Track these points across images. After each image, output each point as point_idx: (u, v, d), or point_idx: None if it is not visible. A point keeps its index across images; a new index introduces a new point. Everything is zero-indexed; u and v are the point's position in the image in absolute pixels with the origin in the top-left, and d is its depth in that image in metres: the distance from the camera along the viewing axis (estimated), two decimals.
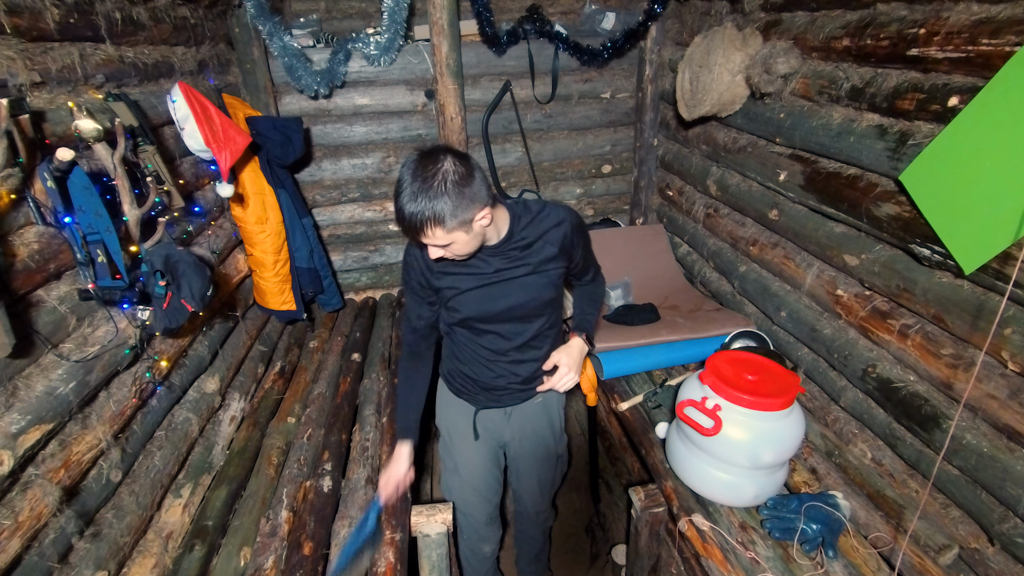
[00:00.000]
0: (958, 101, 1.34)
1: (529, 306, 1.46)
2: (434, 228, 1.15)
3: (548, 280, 1.44)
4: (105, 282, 1.31)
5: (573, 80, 2.96)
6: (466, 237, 1.22)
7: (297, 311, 2.48)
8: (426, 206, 1.12)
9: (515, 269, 1.40)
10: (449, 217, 1.14)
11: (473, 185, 1.16)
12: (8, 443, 1.08)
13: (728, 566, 1.47)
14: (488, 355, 1.55)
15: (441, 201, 1.12)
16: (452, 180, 1.12)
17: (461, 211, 1.15)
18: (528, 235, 1.39)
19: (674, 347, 2.29)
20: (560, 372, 1.51)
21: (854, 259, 1.77)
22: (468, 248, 1.26)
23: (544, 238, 1.40)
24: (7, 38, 1.19)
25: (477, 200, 1.17)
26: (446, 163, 1.13)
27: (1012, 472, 1.34)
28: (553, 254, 1.41)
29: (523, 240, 1.38)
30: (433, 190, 1.12)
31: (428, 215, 1.13)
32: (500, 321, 1.48)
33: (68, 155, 1.16)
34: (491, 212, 1.23)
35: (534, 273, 1.42)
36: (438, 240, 1.19)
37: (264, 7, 2.30)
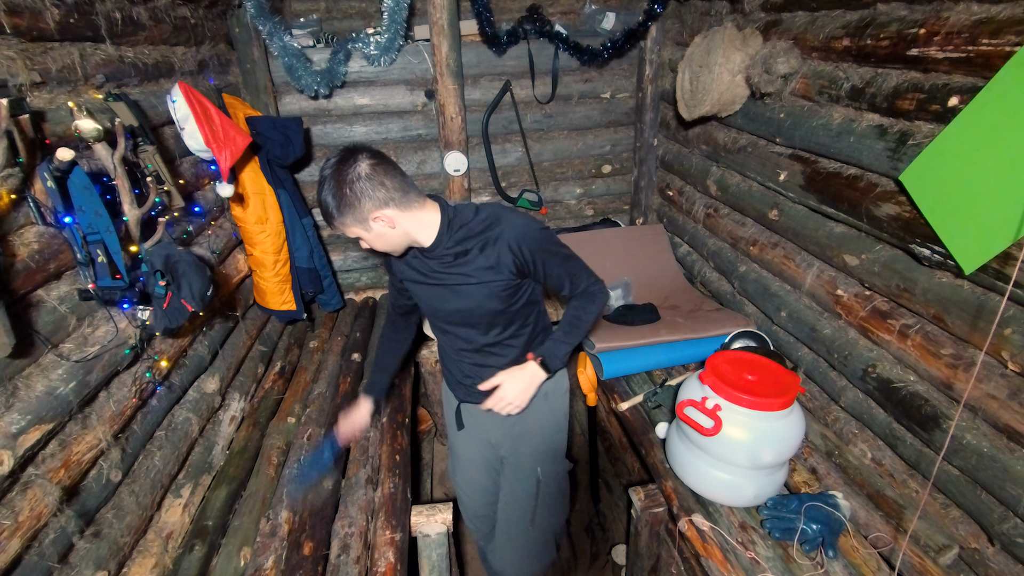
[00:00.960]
0: (958, 101, 1.34)
1: (475, 314, 1.44)
2: (331, 221, 1.25)
3: (489, 291, 1.39)
4: (105, 282, 1.31)
5: (573, 80, 2.96)
6: (369, 235, 1.28)
7: (297, 311, 2.48)
8: (323, 201, 1.23)
9: (449, 276, 1.39)
10: (336, 213, 1.22)
11: (367, 185, 1.20)
12: (8, 443, 1.08)
13: (728, 566, 1.47)
14: (454, 352, 1.58)
15: (332, 197, 1.21)
16: (348, 179, 1.19)
17: (348, 209, 1.21)
18: (460, 244, 1.36)
19: (674, 347, 2.29)
20: (496, 394, 1.47)
21: (854, 259, 1.77)
22: (383, 245, 1.32)
23: (479, 248, 1.36)
24: (7, 38, 1.19)
25: (368, 201, 1.21)
26: (354, 163, 1.20)
27: (1012, 472, 1.34)
28: (488, 265, 1.36)
29: (453, 248, 1.36)
30: (332, 186, 1.20)
31: (323, 209, 1.24)
32: (453, 323, 1.50)
33: (68, 155, 1.16)
34: (394, 215, 1.25)
35: (471, 283, 1.38)
36: (343, 231, 1.27)
37: (264, 7, 2.30)
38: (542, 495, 1.72)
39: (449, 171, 2.85)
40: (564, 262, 1.43)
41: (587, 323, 1.51)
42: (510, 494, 1.75)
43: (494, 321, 1.46)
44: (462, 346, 1.53)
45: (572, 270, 1.46)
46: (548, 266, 1.40)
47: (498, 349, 1.51)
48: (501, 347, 1.51)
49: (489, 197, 3.14)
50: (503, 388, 1.48)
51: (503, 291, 1.39)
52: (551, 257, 1.40)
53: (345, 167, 1.20)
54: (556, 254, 1.41)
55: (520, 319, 1.49)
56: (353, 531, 1.57)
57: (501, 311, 1.44)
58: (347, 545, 1.52)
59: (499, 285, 1.38)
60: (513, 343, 1.51)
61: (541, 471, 1.69)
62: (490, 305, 1.41)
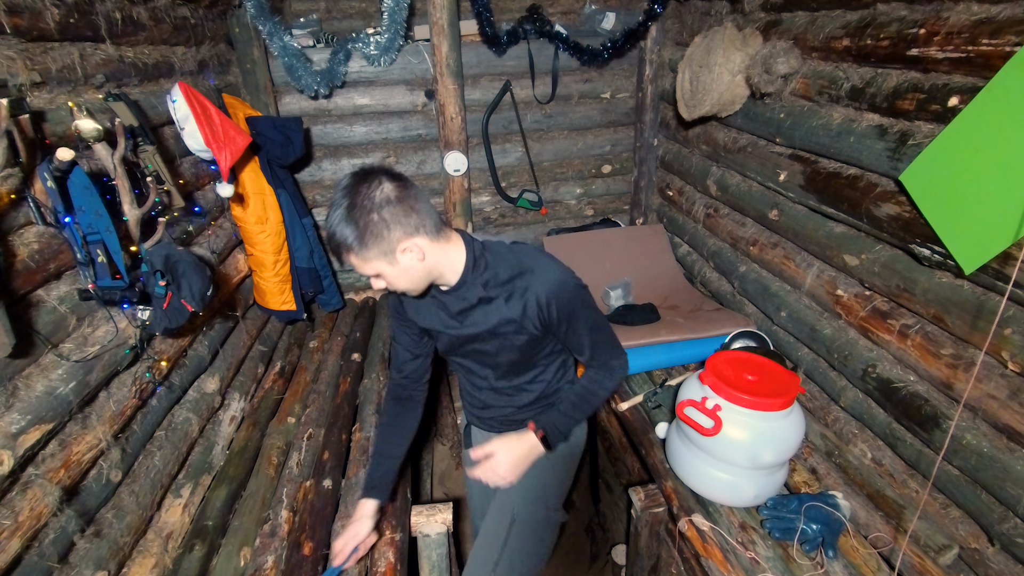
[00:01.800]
0: (958, 101, 1.34)
1: (492, 360, 1.35)
2: (348, 255, 1.09)
3: (510, 344, 1.28)
4: (105, 282, 1.31)
5: (573, 80, 2.96)
6: (393, 270, 1.12)
7: (297, 311, 2.48)
8: (339, 231, 1.06)
9: (470, 321, 1.27)
10: (357, 244, 1.06)
11: (397, 211, 1.05)
12: (8, 443, 1.08)
13: (728, 566, 1.47)
14: (468, 383, 1.49)
15: (351, 226, 1.05)
16: (375, 203, 1.04)
17: (374, 240, 1.06)
18: (485, 289, 1.23)
19: (674, 347, 2.29)
20: (487, 464, 1.33)
21: (854, 259, 1.77)
22: (405, 283, 1.16)
23: (504, 298, 1.23)
24: (7, 38, 1.19)
25: (398, 228, 1.06)
26: (378, 185, 1.05)
27: (1012, 472, 1.34)
28: (512, 318, 1.23)
29: (477, 292, 1.23)
30: (350, 215, 1.04)
31: (339, 240, 1.07)
32: (468, 359, 1.40)
33: (68, 155, 1.15)
34: (425, 246, 1.11)
35: (491, 333, 1.27)
36: (359, 268, 1.11)
37: (264, 7, 2.30)
38: (512, 540, 1.44)
39: (449, 171, 2.85)
40: (592, 329, 1.30)
41: (599, 399, 1.39)
42: (483, 528, 1.52)
43: (511, 368, 1.37)
44: (476, 382, 1.46)
45: (597, 339, 1.33)
46: (573, 329, 1.28)
47: (512, 392, 1.43)
48: (516, 390, 1.43)
49: (489, 197, 3.14)
50: (496, 460, 1.33)
51: (524, 344, 1.30)
52: (580, 321, 1.27)
53: (366, 190, 1.04)
54: (586, 319, 1.28)
55: (541, 367, 1.41)
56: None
57: (519, 361, 1.35)
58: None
59: (521, 339, 1.28)
60: (530, 388, 1.43)
61: (516, 511, 1.46)
62: (509, 356, 1.32)
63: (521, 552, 1.47)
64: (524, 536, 1.47)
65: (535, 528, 1.49)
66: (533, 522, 1.48)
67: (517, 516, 1.46)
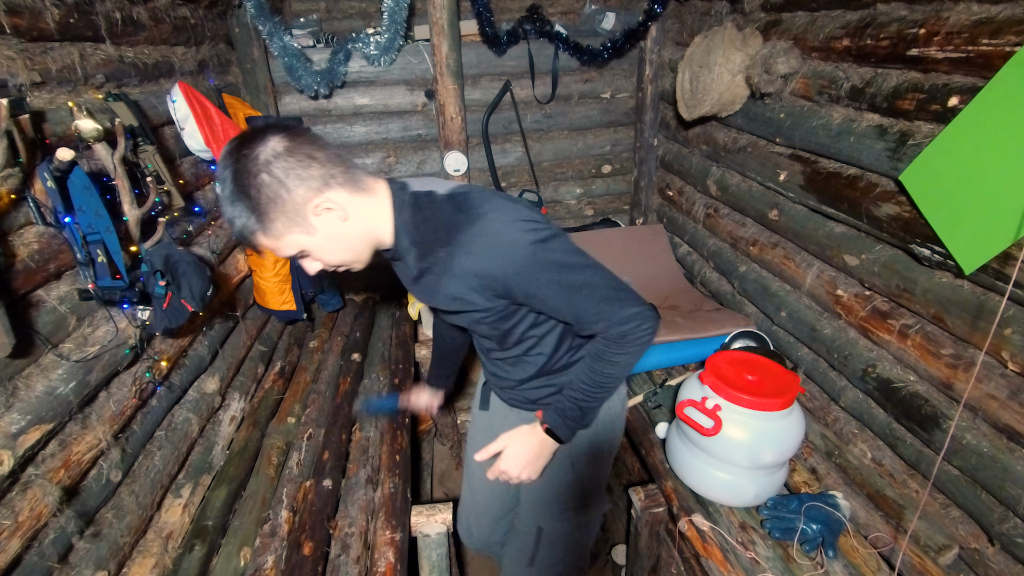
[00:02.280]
0: (958, 101, 1.34)
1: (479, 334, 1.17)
2: (255, 238, 0.89)
3: (473, 319, 1.07)
4: (105, 282, 1.31)
5: (573, 80, 2.96)
6: (315, 240, 0.90)
7: (297, 311, 2.48)
8: (231, 212, 0.86)
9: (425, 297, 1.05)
10: (256, 220, 0.86)
11: (291, 163, 0.84)
12: (8, 443, 1.08)
13: (728, 566, 1.47)
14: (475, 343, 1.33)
15: (241, 199, 0.85)
16: (259, 164, 0.83)
17: (272, 207, 0.85)
18: (417, 259, 0.99)
19: (674, 347, 2.29)
20: (498, 463, 1.21)
21: (854, 259, 1.77)
22: (339, 254, 0.94)
23: (436, 273, 0.98)
24: (7, 38, 1.19)
25: (299, 185, 0.85)
26: (258, 145, 0.84)
27: (1012, 472, 1.34)
28: (454, 295, 0.99)
29: (413, 262, 1.01)
30: (237, 187, 0.84)
31: (237, 224, 0.87)
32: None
33: (68, 155, 1.16)
34: (343, 200, 0.89)
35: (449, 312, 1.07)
36: (278, 251, 0.91)
37: (264, 7, 2.30)
38: (542, 551, 1.45)
39: (449, 171, 2.85)
40: (570, 292, 0.97)
41: (611, 377, 1.09)
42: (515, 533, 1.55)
43: (500, 340, 1.16)
44: (480, 344, 1.28)
45: (582, 301, 0.99)
46: (540, 301, 0.99)
47: (512, 363, 1.23)
48: (515, 362, 1.22)
49: None
50: (505, 457, 1.19)
51: (490, 321, 1.07)
52: (546, 289, 0.96)
53: (248, 151, 0.83)
54: (554, 283, 0.95)
55: (531, 340, 1.15)
56: (353, 531, 1.57)
57: (500, 336, 1.13)
58: (347, 545, 1.52)
59: (481, 316, 1.05)
60: (528, 360, 1.20)
61: (542, 523, 1.41)
62: (484, 331, 1.12)
63: (553, 558, 1.47)
64: (554, 546, 1.44)
65: (563, 536, 1.44)
66: (560, 531, 1.42)
67: (544, 527, 1.42)
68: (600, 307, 1.00)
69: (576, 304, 1.00)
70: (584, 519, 1.48)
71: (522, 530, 1.51)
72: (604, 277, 1.01)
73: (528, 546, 1.48)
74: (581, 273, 0.98)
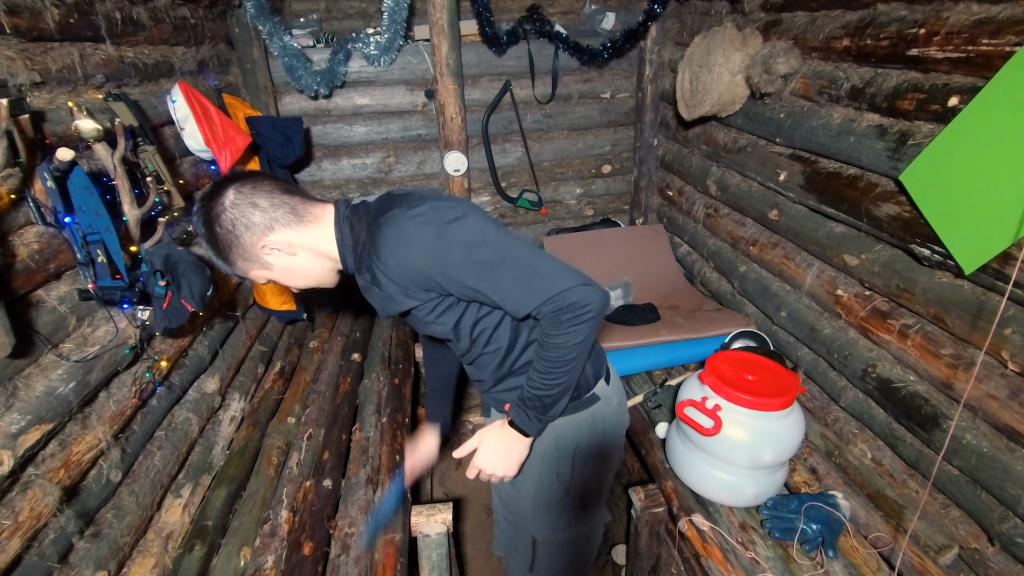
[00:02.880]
0: (958, 101, 1.34)
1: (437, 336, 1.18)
2: (230, 271, 1.06)
3: (421, 320, 1.10)
4: (105, 282, 1.31)
5: (573, 80, 2.96)
6: (274, 273, 1.06)
7: (297, 311, 2.48)
8: (209, 253, 1.05)
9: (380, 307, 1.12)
10: (223, 260, 1.03)
11: (235, 215, 0.99)
12: (8, 443, 1.08)
13: (728, 566, 1.47)
14: None
15: (212, 248, 1.03)
16: (214, 215, 0.99)
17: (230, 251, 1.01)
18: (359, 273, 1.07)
19: (674, 347, 2.29)
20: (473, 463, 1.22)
21: (854, 259, 1.77)
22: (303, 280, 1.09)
23: (373, 278, 1.03)
24: (7, 38, 1.19)
25: (245, 232, 0.99)
26: (217, 201, 0.99)
27: (1012, 472, 1.34)
28: (390, 296, 1.04)
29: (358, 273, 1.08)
30: (207, 236, 1.02)
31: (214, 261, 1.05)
32: None
33: (68, 155, 1.16)
34: (289, 238, 1.01)
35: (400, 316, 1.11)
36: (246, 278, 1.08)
37: (264, 7, 2.30)
38: (539, 556, 1.46)
39: (449, 171, 2.85)
40: (489, 273, 0.96)
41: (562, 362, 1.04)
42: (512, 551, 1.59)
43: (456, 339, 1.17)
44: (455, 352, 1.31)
45: (504, 282, 0.96)
46: (464, 288, 0.99)
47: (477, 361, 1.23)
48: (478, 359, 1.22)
49: (489, 197, 3.14)
50: (478, 455, 1.20)
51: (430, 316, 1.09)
52: (463, 275, 0.96)
53: (211, 207, 1.00)
54: (469, 268, 0.95)
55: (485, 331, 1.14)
56: (353, 531, 1.57)
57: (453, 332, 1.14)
58: (347, 545, 1.52)
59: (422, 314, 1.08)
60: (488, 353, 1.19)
61: (535, 533, 1.42)
62: (435, 330, 1.14)
63: (552, 568, 1.49)
64: (551, 556, 1.45)
65: (558, 548, 1.44)
66: (554, 543, 1.42)
67: (537, 538, 1.42)
68: (527, 284, 0.96)
69: (498, 282, 0.96)
70: (580, 532, 1.44)
71: (520, 538, 1.52)
72: (524, 253, 0.98)
73: (526, 554, 1.50)
74: (495, 250, 0.96)
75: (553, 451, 1.28)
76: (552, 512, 1.38)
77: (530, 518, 1.41)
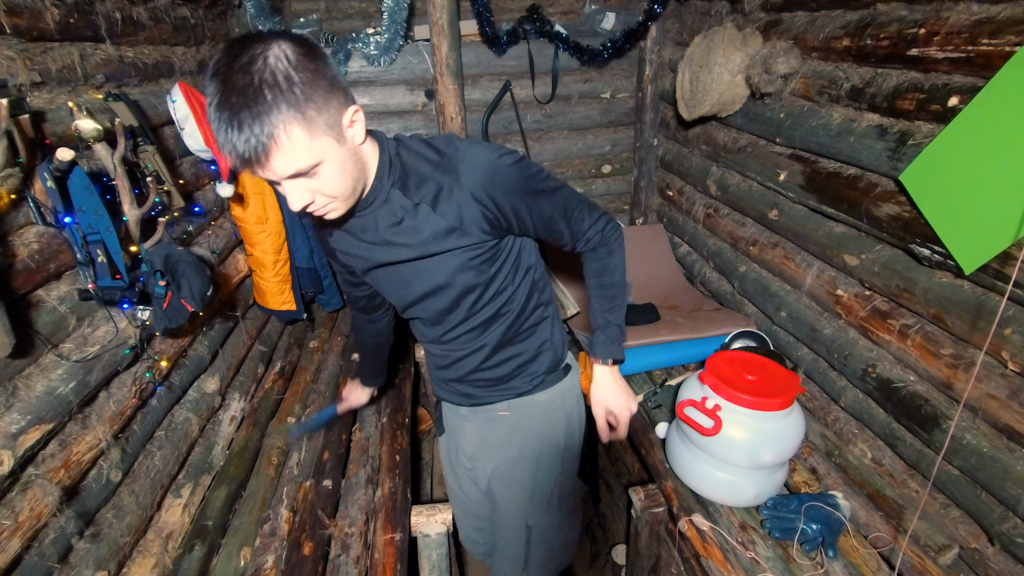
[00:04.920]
0: (958, 101, 1.34)
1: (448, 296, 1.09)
2: (288, 131, 0.76)
3: (460, 263, 1.03)
4: (105, 282, 1.31)
5: (573, 80, 2.96)
6: (340, 152, 0.84)
7: (297, 311, 2.48)
8: (262, 108, 0.74)
9: (402, 245, 1.02)
10: (299, 110, 0.76)
11: (326, 67, 0.81)
12: (8, 443, 1.08)
13: (728, 566, 1.47)
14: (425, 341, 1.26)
15: (282, 96, 0.74)
16: (316, 55, 0.79)
17: (321, 100, 0.78)
18: (406, 195, 0.98)
19: (674, 347, 2.29)
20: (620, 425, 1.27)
21: (854, 259, 1.77)
22: (342, 183, 0.87)
23: (430, 202, 0.97)
24: (7, 38, 1.19)
25: (336, 93, 0.82)
26: (275, 46, 0.76)
27: (1012, 472, 1.34)
28: (449, 226, 0.98)
29: (398, 200, 0.98)
30: (280, 80, 0.74)
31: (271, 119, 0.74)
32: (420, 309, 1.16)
33: (68, 155, 1.16)
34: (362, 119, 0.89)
35: (432, 254, 1.02)
36: (298, 159, 0.79)
37: (264, 7, 2.30)
38: (534, 550, 1.45)
39: None
40: (553, 201, 1.04)
41: (613, 284, 1.17)
42: (500, 541, 1.50)
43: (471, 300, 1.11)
44: (430, 336, 1.23)
45: (569, 211, 1.07)
46: (533, 213, 1.03)
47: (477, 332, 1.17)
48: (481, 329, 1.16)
49: None
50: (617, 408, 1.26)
51: (477, 259, 1.04)
52: (535, 199, 1.01)
53: (305, 43, 0.79)
54: (540, 193, 1.02)
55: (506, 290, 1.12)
56: (353, 531, 1.57)
57: (476, 285, 1.08)
58: (347, 545, 1.52)
59: (472, 252, 1.02)
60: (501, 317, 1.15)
61: (530, 522, 1.41)
62: (464, 279, 1.06)
63: (547, 555, 1.49)
64: (546, 540, 1.45)
65: (552, 528, 1.46)
66: (548, 524, 1.44)
67: (532, 525, 1.42)
68: (583, 212, 1.10)
69: (565, 212, 1.07)
70: (569, 505, 1.49)
71: (509, 537, 1.46)
72: (568, 187, 1.10)
73: (519, 552, 1.46)
74: (553, 182, 1.06)
75: (547, 429, 1.33)
76: (548, 489, 1.38)
77: (526, 506, 1.39)
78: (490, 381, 1.27)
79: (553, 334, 1.28)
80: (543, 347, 1.26)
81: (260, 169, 0.79)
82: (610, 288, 1.19)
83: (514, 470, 1.35)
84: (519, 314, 1.18)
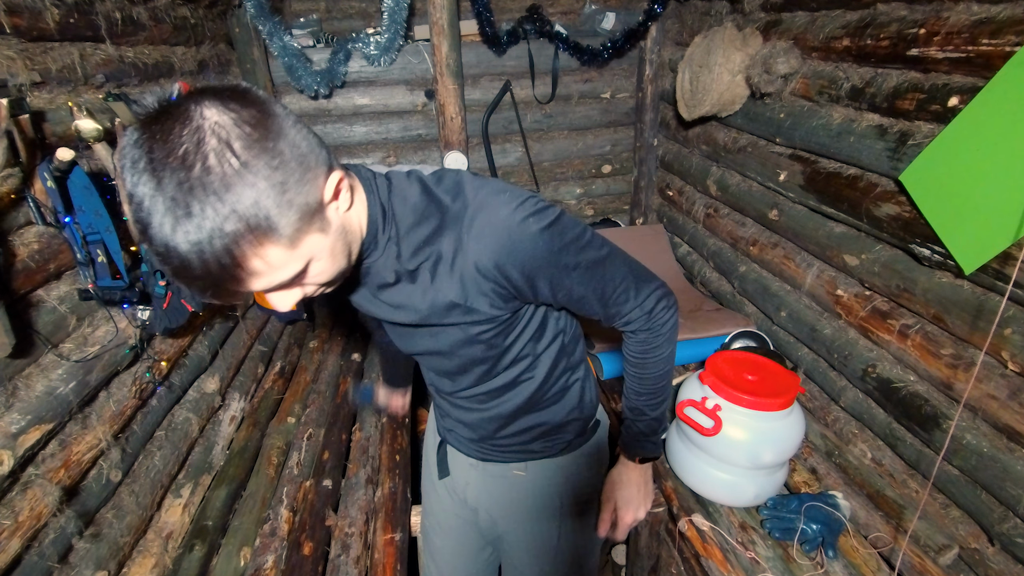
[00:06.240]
0: (958, 101, 1.34)
1: (452, 363, 0.95)
2: (263, 255, 0.57)
3: (464, 336, 0.87)
4: (105, 282, 1.31)
5: (573, 80, 2.96)
6: (327, 241, 0.64)
7: (297, 311, 2.48)
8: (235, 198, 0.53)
9: (399, 309, 0.86)
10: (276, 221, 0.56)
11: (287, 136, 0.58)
12: (8, 443, 1.08)
13: (728, 566, 1.47)
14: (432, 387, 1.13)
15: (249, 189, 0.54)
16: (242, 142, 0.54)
17: (295, 189, 0.57)
18: (396, 261, 0.80)
19: None
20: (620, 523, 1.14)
21: (854, 259, 1.77)
22: (337, 263, 0.69)
23: (430, 269, 0.79)
24: (7, 38, 1.19)
25: (311, 161, 0.60)
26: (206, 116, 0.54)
27: (1012, 472, 1.34)
28: (452, 301, 0.80)
29: (389, 263, 0.80)
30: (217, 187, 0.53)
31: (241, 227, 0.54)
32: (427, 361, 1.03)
33: (68, 155, 1.15)
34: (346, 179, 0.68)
35: (431, 327, 0.87)
36: (279, 276, 0.61)
37: (264, 7, 2.30)
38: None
39: None
40: (589, 279, 0.83)
41: (664, 377, 0.98)
42: None
43: (483, 369, 0.96)
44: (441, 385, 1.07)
45: (609, 282, 0.85)
46: (558, 292, 0.83)
47: (490, 398, 1.02)
48: (495, 396, 1.01)
49: None
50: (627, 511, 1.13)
51: (485, 333, 0.87)
52: (564, 276, 0.80)
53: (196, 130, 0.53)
54: (573, 269, 0.80)
55: (525, 359, 0.96)
56: (353, 531, 1.57)
57: (489, 358, 0.93)
58: (347, 545, 1.52)
59: (479, 328, 0.86)
60: (520, 386, 1.00)
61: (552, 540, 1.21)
62: (471, 352, 0.91)
63: None
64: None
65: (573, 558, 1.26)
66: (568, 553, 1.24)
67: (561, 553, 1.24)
68: (629, 282, 0.87)
69: (602, 285, 0.85)
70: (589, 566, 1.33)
71: None
72: (621, 252, 0.87)
73: None
74: (597, 248, 0.83)
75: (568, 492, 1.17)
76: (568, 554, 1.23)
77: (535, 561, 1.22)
78: (504, 447, 1.10)
79: (583, 399, 1.11)
80: (571, 415, 1.09)
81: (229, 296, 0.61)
82: (650, 382, 0.99)
83: (533, 539, 1.19)
84: (543, 382, 1.01)
